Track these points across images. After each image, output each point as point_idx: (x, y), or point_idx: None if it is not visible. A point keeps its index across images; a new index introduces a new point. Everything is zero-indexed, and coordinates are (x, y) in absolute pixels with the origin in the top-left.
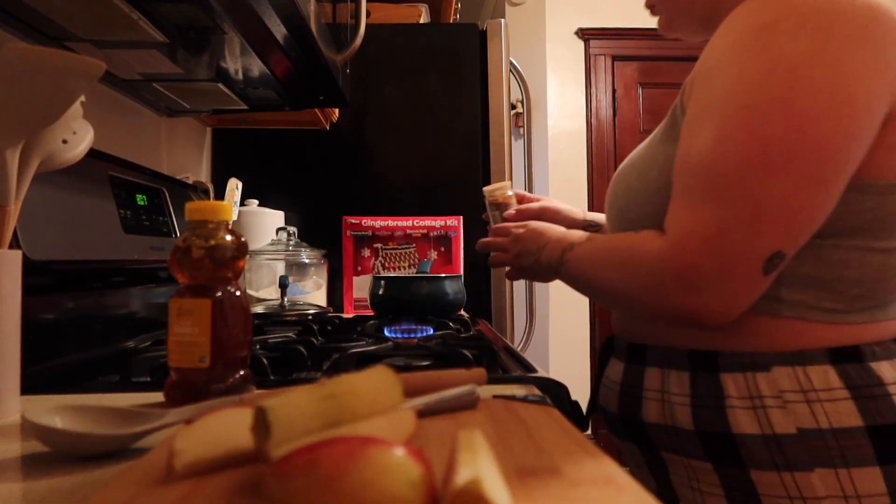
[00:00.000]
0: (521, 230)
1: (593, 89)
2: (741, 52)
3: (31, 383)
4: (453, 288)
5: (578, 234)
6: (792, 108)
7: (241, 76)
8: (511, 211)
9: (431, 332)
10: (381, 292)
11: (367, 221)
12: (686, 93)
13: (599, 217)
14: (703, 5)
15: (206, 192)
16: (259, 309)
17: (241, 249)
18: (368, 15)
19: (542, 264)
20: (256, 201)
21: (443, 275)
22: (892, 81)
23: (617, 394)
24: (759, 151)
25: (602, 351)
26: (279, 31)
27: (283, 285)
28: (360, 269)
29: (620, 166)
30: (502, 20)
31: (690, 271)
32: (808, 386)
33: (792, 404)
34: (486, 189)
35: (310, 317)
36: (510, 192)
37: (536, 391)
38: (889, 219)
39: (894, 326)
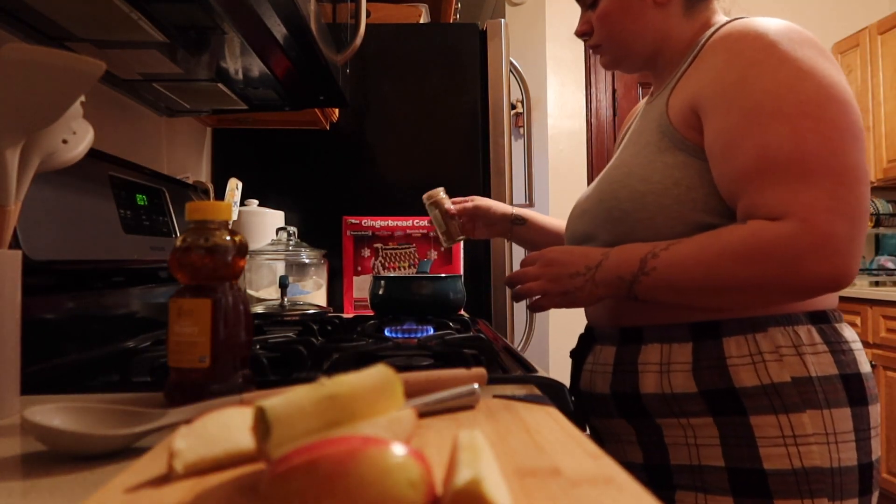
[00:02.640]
0: (551, 254)
1: (593, 89)
2: (763, 65)
3: (31, 383)
4: (453, 288)
5: (642, 246)
6: (835, 96)
7: (241, 76)
8: (448, 206)
9: (431, 332)
10: (381, 292)
11: (367, 221)
12: (684, 112)
13: (527, 213)
14: (646, 48)
15: (206, 192)
16: (259, 309)
17: (241, 249)
18: (368, 15)
19: (599, 281)
20: (256, 201)
21: (443, 275)
22: None
23: (609, 374)
24: (831, 130)
25: (580, 343)
26: (279, 31)
27: (283, 285)
28: (360, 269)
29: (610, 174)
30: (502, 20)
31: (827, 239)
32: (798, 341)
33: (787, 357)
34: (426, 195)
35: (310, 317)
36: (443, 195)
37: (536, 391)
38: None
39: (835, 298)
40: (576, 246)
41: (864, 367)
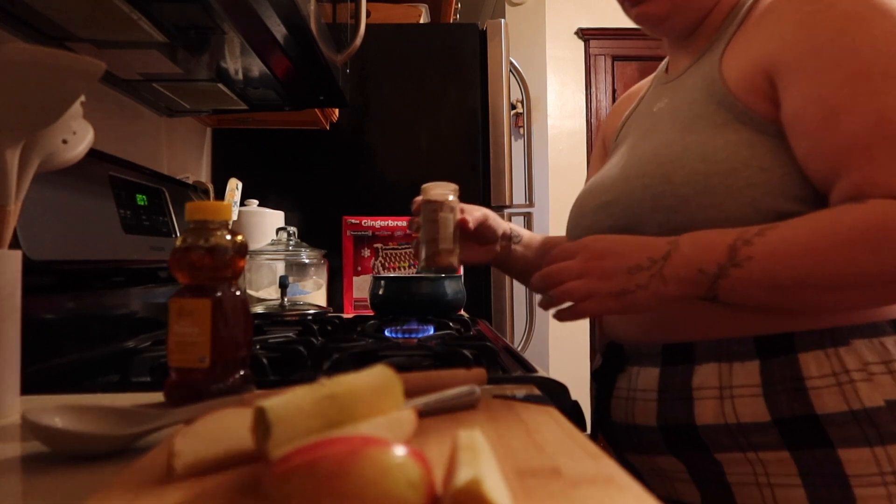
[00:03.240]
0: (599, 243)
1: (593, 89)
2: (863, 19)
3: (31, 383)
4: (453, 288)
5: (723, 231)
6: None
7: (241, 76)
8: (459, 214)
9: (431, 332)
10: (381, 292)
11: (367, 221)
12: (751, 78)
13: (519, 230)
14: (708, 4)
15: (206, 192)
16: (259, 309)
17: (241, 249)
18: (368, 15)
19: (669, 277)
20: (256, 201)
21: (443, 275)
22: None
23: (653, 402)
24: None
25: (606, 363)
26: (279, 31)
27: (283, 285)
28: (360, 269)
29: (650, 155)
30: (502, 20)
31: None
32: (888, 356)
33: (877, 376)
34: (428, 188)
35: (310, 317)
36: (451, 198)
37: (536, 391)
38: None
39: None
40: (627, 235)
41: None
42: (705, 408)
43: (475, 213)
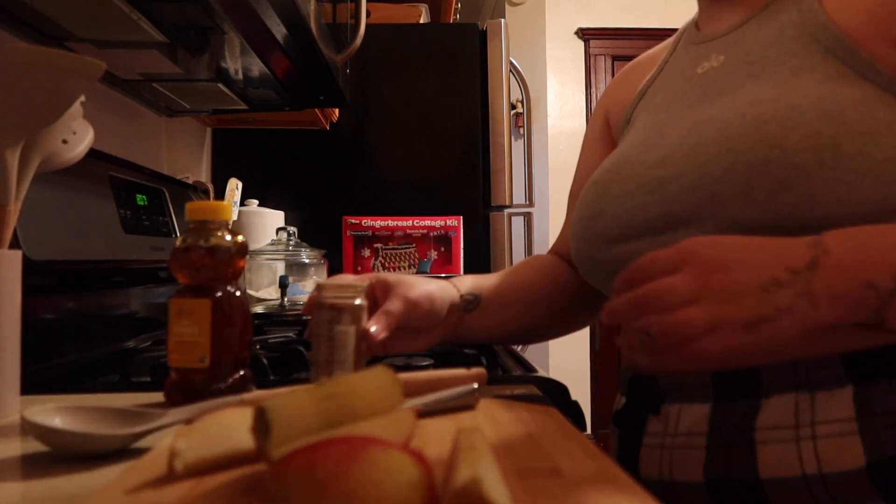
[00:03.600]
0: (711, 250)
1: (593, 89)
2: None
3: (31, 383)
4: None
5: (887, 228)
6: None
7: (241, 76)
8: (365, 322)
9: None
10: None
11: (367, 221)
12: (877, 16)
13: (477, 288)
14: None
15: (206, 192)
16: (259, 309)
17: (241, 249)
18: (368, 15)
19: (820, 294)
20: (256, 201)
21: (443, 275)
22: None
23: (702, 450)
24: None
25: (631, 401)
26: (279, 31)
27: (283, 285)
28: (360, 269)
29: (741, 118)
30: (502, 20)
31: None
32: None
33: None
34: (323, 286)
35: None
36: (358, 301)
37: (536, 391)
38: None
39: None
40: (740, 236)
41: None
42: (774, 455)
43: (395, 305)
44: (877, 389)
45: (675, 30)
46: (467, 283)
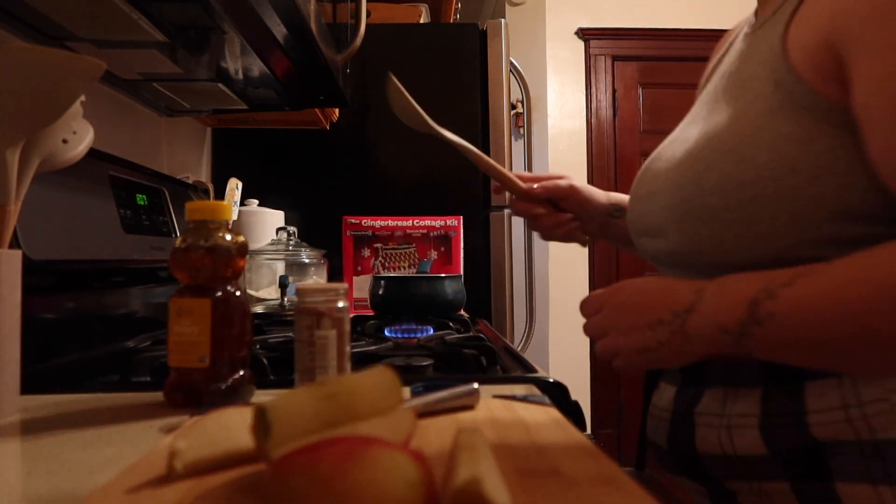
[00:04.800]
0: (620, 296)
1: (593, 89)
2: None
3: (31, 383)
4: (453, 288)
5: (753, 277)
6: None
7: (241, 76)
8: (348, 325)
9: (431, 332)
10: (381, 292)
11: (367, 221)
12: (815, 52)
13: (623, 199)
14: None
15: (206, 192)
16: (259, 309)
17: (241, 249)
18: (368, 15)
19: (692, 333)
20: (256, 201)
21: (443, 275)
22: None
23: (667, 423)
24: None
25: (648, 374)
26: (279, 31)
27: (283, 285)
28: (360, 269)
29: (699, 139)
30: (502, 20)
31: None
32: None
33: (885, 413)
34: (303, 287)
35: None
36: (341, 304)
37: (536, 391)
38: None
39: None
40: (658, 278)
41: None
42: (704, 434)
43: (559, 182)
44: (778, 395)
45: (674, 30)
46: (615, 197)
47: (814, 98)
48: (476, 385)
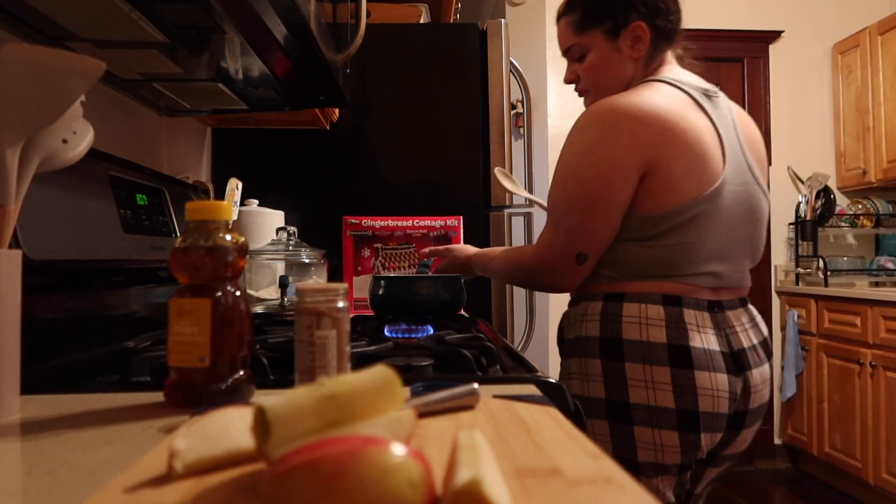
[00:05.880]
0: (449, 251)
1: None
2: (568, 138)
3: (31, 383)
4: (453, 288)
5: (491, 252)
6: (579, 175)
7: (241, 76)
8: (347, 325)
9: (431, 332)
10: (381, 292)
11: (367, 221)
12: None
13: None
14: (618, 89)
15: (206, 192)
16: (259, 309)
17: (241, 249)
18: (368, 15)
19: (474, 266)
20: (256, 201)
21: (443, 275)
22: (642, 155)
23: (562, 331)
24: (565, 197)
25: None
26: (279, 31)
27: (283, 285)
28: (360, 269)
29: None
30: (502, 20)
31: (544, 264)
32: (659, 314)
33: (659, 324)
34: (303, 288)
35: None
36: (341, 304)
37: (536, 391)
38: (649, 231)
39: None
40: (461, 247)
41: (690, 341)
42: (570, 328)
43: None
44: (611, 306)
45: None
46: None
47: None
48: (476, 385)
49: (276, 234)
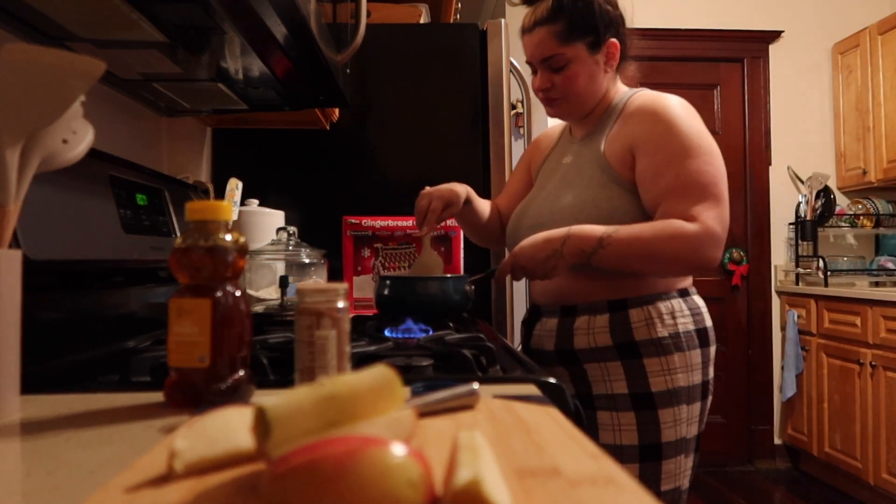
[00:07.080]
0: (517, 256)
1: None
2: (671, 124)
3: (31, 383)
4: (459, 288)
5: (599, 229)
6: (713, 153)
7: (241, 76)
8: (348, 324)
9: (431, 332)
10: (386, 292)
11: (367, 221)
12: (620, 156)
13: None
14: (594, 104)
15: (206, 192)
16: (259, 309)
17: (241, 249)
18: (368, 15)
19: (566, 254)
20: (256, 201)
21: (449, 275)
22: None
23: (553, 336)
24: (718, 173)
25: (528, 318)
26: (279, 31)
27: (283, 285)
28: (360, 269)
29: (571, 208)
30: (502, 20)
31: (714, 238)
32: (671, 310)
33: (665, 320)
34: (304, 287)
35: None
36: (341, 304)
37: (536, 391)
38: None
39: (690, 280)
40: (536, 235)
41: (706, 324)
42: (580, 339)
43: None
44: (617, 315)
45: (673, 30)
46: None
47: (619, 178)
48: (476, 385)
49: (276, 234)
